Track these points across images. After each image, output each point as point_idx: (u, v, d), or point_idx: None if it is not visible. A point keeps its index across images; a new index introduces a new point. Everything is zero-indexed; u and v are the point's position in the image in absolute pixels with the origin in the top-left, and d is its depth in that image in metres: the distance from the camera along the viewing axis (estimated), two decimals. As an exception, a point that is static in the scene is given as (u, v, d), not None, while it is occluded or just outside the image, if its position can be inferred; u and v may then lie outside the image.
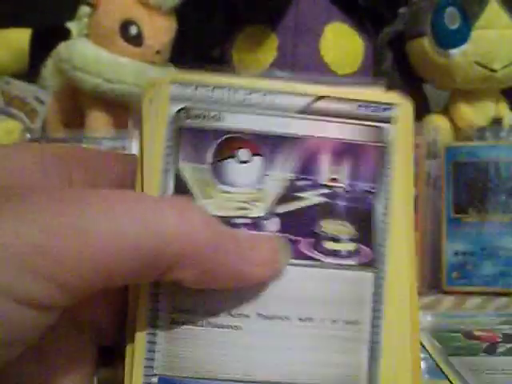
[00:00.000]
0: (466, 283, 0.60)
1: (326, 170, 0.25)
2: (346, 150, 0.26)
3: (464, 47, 0.68)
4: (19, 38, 0.76)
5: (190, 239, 0.21)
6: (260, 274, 0.23)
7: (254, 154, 0.25)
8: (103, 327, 0.25)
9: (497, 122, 0.70)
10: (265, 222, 0.25)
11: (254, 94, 0.25)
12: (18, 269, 0.19)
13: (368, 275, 0.25)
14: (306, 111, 0.25)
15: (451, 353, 0.39)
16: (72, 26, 0.75)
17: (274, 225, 0.25)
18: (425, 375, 0.36)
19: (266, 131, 0.25)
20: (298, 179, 0.25)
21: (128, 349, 0.24)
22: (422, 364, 0.36)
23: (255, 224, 0.25)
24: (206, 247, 0.21)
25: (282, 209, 0.25)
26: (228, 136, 0.25)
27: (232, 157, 0.25)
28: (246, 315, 0.24)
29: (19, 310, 0.19)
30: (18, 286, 0.19)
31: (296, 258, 0.25)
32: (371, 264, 0.25)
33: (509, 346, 0.41)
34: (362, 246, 0.25)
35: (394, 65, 0.76)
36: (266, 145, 0.25)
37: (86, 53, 0.69)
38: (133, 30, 0.71)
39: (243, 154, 0.25)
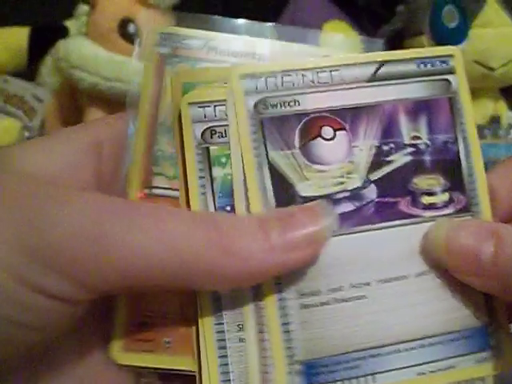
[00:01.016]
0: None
1: (405, 129, 0.27)
2: (419, 107, 0.27)
3: (462, 46, 0.68)
4: (17, 36, 0.76)
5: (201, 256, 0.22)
6: (300, 255, 0.23)
7: (337, 129, 0.26)
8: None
9: (495, 120, 0.70)
10: (363, 191, 0.26)
11: (322, 73, 0.26)
12: (46, 268, 0.21)
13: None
14: (373, 79, 0.27)
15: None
16: (70, 24, 0.75)
17: (372, 192, 0.26)
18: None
19: (341, 105, 0.26)
20: (383, 144, 0.26)
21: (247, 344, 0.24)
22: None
23: (355, 195, 0.26)
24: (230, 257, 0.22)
25: (375, 175, 0.26)
26: (309, 118, 0.26)
27: (317, 137, 0.26)
28: (367, 283, 0.25)
29: (47, 302, 0.21)
30: (45, 283, 0.21)
31: (399, 219, 0.26)
32: (467, 208, 0.26)
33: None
34: (455, 194, 0.26)
35: (393, 63, 0.76)
36: (346, 118, 0.26)
37: (83, 51, 0.69)
38: (131, 29, 0.71)
39: (327, 131, 0.26)
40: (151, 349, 0.25)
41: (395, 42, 0.75)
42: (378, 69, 0.27)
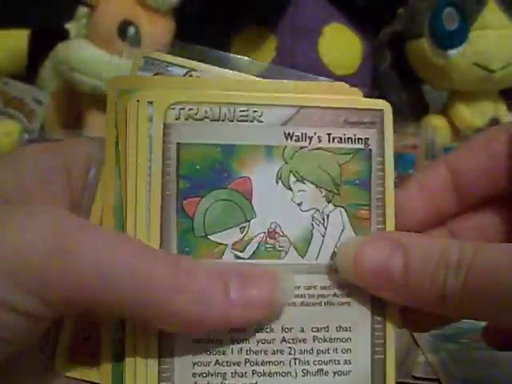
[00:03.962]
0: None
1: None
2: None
3: (462, 48, 0.68)
4: (18, 38, 0.76)
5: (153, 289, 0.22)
6: (251, 315, 0.23)
7: None
8: None
9: (495, 122, 0.70)
10: None
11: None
12: (14, 285, 0.21)
13: None
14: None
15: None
16: (70, 26, 0.75)
17: None
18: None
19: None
20: None
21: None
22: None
23: None
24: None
25: None
26: None
27: None
28: None
29: (14, 317, 0.21)
30: (12, 300, 0.21)
31: None
32: None
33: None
34: None
35: (393, 65, 0.76)
36: None
37: (83, 54, 0.69)
38: (131, 31, 0.71)
39: None
40: (95, 364, 0.24)
41: (395, 44, 0.75)
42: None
